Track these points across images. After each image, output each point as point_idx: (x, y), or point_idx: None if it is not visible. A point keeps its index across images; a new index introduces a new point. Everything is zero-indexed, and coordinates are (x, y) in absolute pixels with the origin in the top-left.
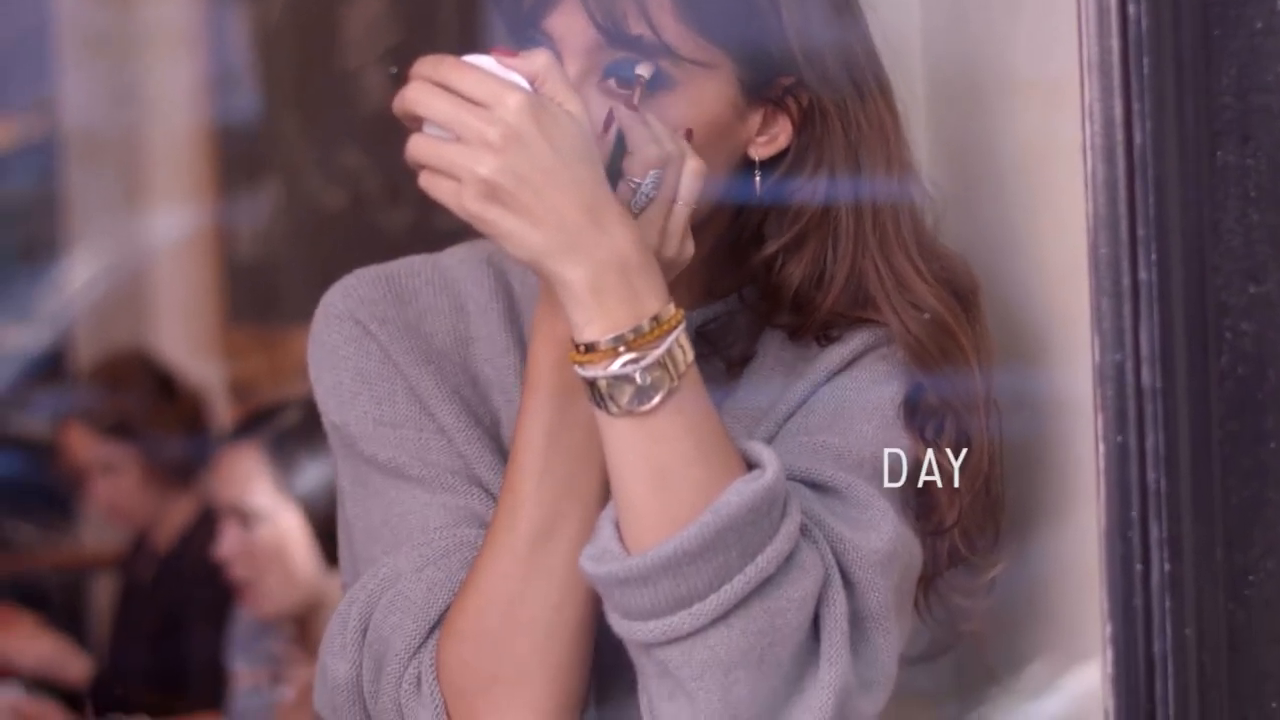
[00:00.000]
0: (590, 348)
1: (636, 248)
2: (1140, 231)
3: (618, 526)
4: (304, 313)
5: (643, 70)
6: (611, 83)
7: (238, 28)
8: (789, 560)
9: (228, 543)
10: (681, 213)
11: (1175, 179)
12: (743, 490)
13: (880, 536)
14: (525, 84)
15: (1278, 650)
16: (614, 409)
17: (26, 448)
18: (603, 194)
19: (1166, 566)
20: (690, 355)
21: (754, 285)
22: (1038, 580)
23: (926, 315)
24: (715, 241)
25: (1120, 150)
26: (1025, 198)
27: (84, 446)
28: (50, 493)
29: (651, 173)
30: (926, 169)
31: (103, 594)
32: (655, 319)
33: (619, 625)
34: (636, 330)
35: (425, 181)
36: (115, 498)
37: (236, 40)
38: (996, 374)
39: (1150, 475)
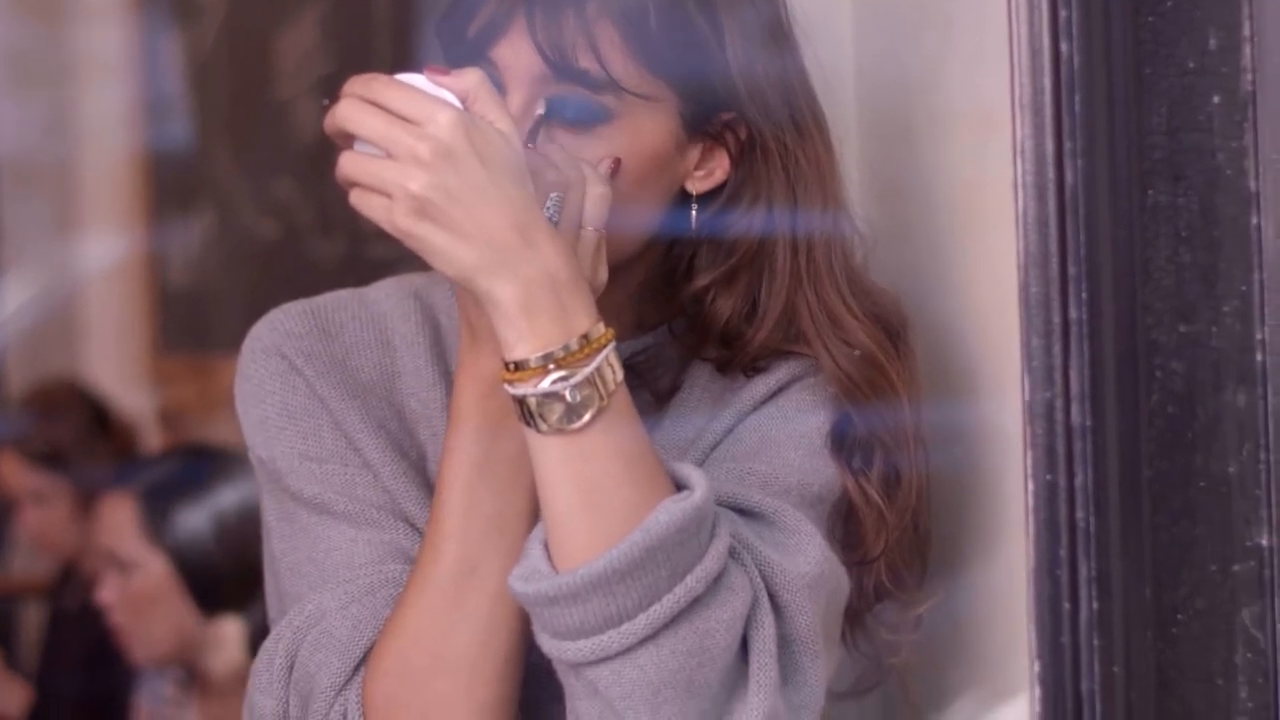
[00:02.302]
0: (520, 365)
1: (566, 266)
2: (1071, 270)
3: (547, 547)
4: (235, 342)
5: (539, 109)
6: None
7: (170, 55)
8: (718, 581)
9: (107, 589)
10: (590, 237)
11: (1106, 218)
12: (672, 509)
13: (807, 560)
14: (457, 102)
15: (1205, 688)
16: (544, 427)
17: None
18: (533, 212)
19: (1095, 605)
20: (619, 375)
21: (683, 318)
22: (965, 616)
23: (857, 352)
24: (647, 274)
25: (1052, 189)
26: (955, 231)
27: (14, 475)
28: None
29: (551, 197)
30: (858, 203)
31: (31, 622)
32: (585, 337)
33: (548, 645)
34: (566, 348)
35: (356, 199)
36: (45, 527)
37: (169, 68)
38: (926, 408)
39: (1079, 513)
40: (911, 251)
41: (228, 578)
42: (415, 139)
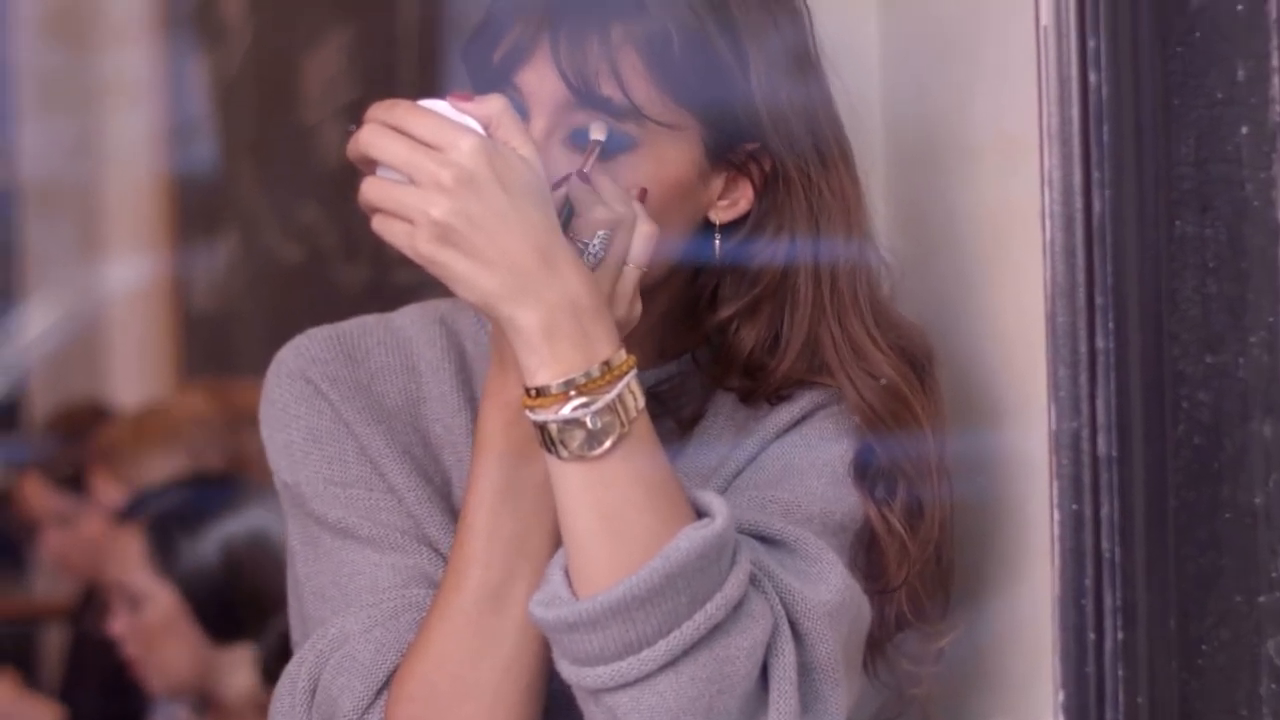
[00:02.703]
0: (541, 391)
1: (588, 292)
2: (1098, 300)
3: (567, 573)
4: (259, 365)
5: (597, 135)
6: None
7: (196, 79)
8: (738, 608)
9: (118, 622)
10: (631, 275)
11: (1134, 248)
12: (693, 536)
13: (829, 589)
14: (479, 128)
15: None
16: (565, 454)
17: None
18: (555, 238)
19: (1120, 635)
20: (641, 402)
21: (707, 347)
22: (989, 645)
23: (882, 381)
24: (670, 303)
25: (1079, 218)
26: (982, 260)
27: (38, 497)
28: (2, 542)
29: (599, 234)
30: (884, 233)
31: (54, 644)
32: (606, 364)
33: (568, 671)
34: (587, 375)
35: (378, 224)
36: (68, 549)
37: (194, 92)
38: (951, 437)
39: (1104, 544)
40: (938, 281)
41: (239, 605)
42: (437, 165)
